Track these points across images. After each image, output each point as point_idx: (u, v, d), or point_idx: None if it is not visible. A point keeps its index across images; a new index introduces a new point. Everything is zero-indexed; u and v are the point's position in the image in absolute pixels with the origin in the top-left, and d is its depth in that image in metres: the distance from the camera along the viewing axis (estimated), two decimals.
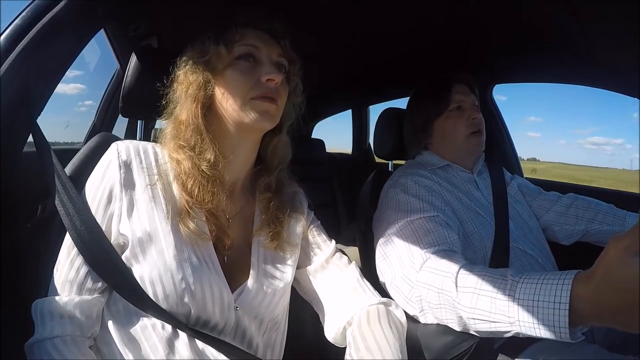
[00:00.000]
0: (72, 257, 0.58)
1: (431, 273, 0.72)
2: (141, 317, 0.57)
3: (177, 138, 0.62)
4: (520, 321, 0.54)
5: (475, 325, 0.62)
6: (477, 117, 1.04)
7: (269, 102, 0.62)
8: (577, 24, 0.98)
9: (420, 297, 0.73)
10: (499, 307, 0.57)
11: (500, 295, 0.57)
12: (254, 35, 0.65)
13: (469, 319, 0.64)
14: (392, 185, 0.96)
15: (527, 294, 0.54)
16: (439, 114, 1.06)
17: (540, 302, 0.51)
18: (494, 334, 0.60)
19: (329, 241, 0.74)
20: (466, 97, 1.06)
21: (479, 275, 0.64)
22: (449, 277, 0.68)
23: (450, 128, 1.05)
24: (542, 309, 0.51)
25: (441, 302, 0.69)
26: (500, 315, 0.57)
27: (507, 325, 0.56)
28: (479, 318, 0.61)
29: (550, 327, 0.50)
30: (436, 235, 0.81)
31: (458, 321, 0.67)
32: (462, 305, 0.63)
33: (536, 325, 0.52)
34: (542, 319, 0.51)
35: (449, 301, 0.67)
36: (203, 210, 0.60)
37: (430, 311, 0.72)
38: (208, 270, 0.58)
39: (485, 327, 0.60)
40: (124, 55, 1.58)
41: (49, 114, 0.72)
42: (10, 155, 0.66)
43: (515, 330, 0.55)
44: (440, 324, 0.74)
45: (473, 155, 1.07)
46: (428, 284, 0.71)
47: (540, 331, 0.51)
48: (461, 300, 0.64)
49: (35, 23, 0.65)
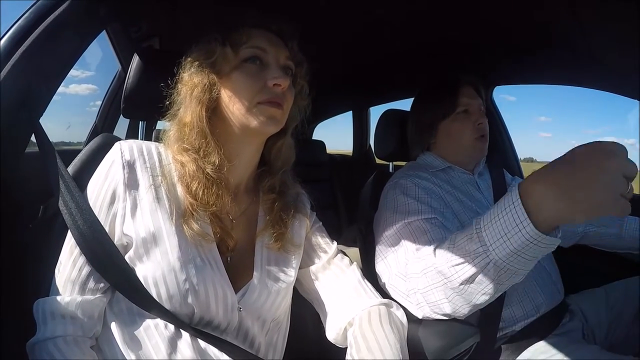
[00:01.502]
0: (74, 257, 0.57)
1: (417, 259, 0.74)
2: (144, 317, 0.57)
3: (181, 141, 0.62)
4: (495, 249, 0.55)
5: (459, 274, 0.62)
6: (483, 122, 1.04)
7: (275, 107, 0.61)
8: (578, 26, 0.98)
9: (414, 289, 0.73)
10: (473, 246, 0.59)
11: (472, 242, 0.59)
12: (261, 37, 0.64)
13: (452, 276, 0.63)
14: (392, 187, 0.96)
15: (494, 233, 0.55)
16: (445, 116, 1.05)
17: (508, 235, 0.53)
18: (477, 276, 0.60)
19: (330, 242, 0.74)
20: (473, 100, 1.05)
21: (449, 239, 0.67)
22: (429, 254, 0.70)
23: (456, 131, 1.04)
24: (513, 238, 0.53)
25: (428, 282, 0.69)
26: (475, 251, 0.58)
27: (484, 256, 0.57)
28: (459, 264, 0.61)
29: (529, 245, 0.52)
30: (432, 235, 0.82)
31: (445, 292, 0.66)
32: (442, 266, 0.64)
33: (513, 250, 0.53)
34: (517, 245, 0.53)
35: (433, 274, 0.67)
36: (207, 212, 0.59)
37: (424, 301, 0.72)
38: (212, 271, 0.58)
39: (467, 270, 0.60)
40: (125, 56, 1.58)
41: (63, 113, 0.72)
42: (13, 155, 0.67)
43: (495, 259, 0.56)
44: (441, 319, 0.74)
45: (475, 159, 1.07)
46: (417, 271, 0.72)
47: (523, 254, 0.54)
48: (439, 260, 0.65)
49: (38, 24, 0.66)
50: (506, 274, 0.57)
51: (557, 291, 0.96)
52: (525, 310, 0.89)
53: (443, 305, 0.68)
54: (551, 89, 53.54)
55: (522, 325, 0.88)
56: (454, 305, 0.67)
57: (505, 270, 0.57)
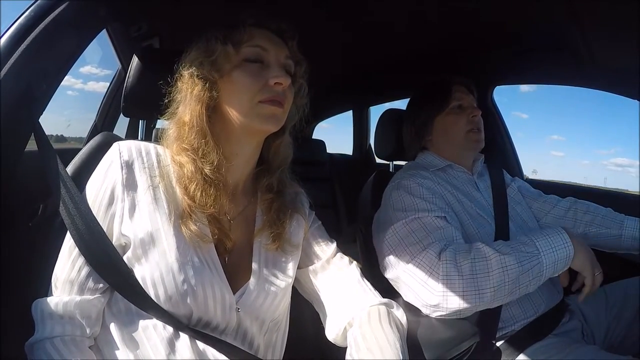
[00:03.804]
0: (73, 257, 0.57)
1: (454, 251, 0.78)
2: (142, 317, 0.57)
3: (180, 140, 0.61)
4: (545, 254, 0.74)
5: (517, 265, 0.73)
6: (477, 115, 1.06)
7: (276, 106, 0.61)
8: (577, 26, 0.98)
9: (445, 277, 0.75)
10: (529, 249, 0.75)
11: (527, 246, 0.76)
12: (262, 36, 0.64)
13: (511, 266, 0.73)
14: (395, 187, 0.96)
15: (545, 245, 0.75)
16: (440, 111, 1.07)
17: (556, 247, 0.75)
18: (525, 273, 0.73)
19: (329, 242, 0.74)
20: (466, 96, 1.08)
21: (501, 242, 0.79)
22: (479, 247, 0.77)
23: (451, 125, 1.06)
24: (559, 250, 0.75)
25: (475, 270, 0.74)
26: (532, 252, 0.75)
27: (537, 258, 0.74)
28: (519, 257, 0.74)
29: (565, 257, 0.75)
30: (446, 232, 0.83)
31: (497, 280, 0.73)
32: (503, 257, 0.74)
33: (556, 259, 0.74)
34: (560, 256, 0.75)
35: (482, 264, 0.74)
36: (205, 213, 0.59)
37: (456, 290, 0.74)
38: (210, 272, 0.58)
39: (524, 264, 0.74)
40: (125, 55, 1.58)
41: (82, 110, 0.73)
42: (12, 154, 0.66)
43: (542, 262, 0.74)
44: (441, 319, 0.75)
45: (472, 151, 1.08)
46: (455, 261, 0.76)
47: (557, 264, 0.75)
48: (498, 252, 0.75)
49: (38, 23, 0.65)
50: (538, 279, 0.74)
51: (557, 291, 0.96)
52: (525, 310, 0.89)
53: (483, 294, 0.73)
54: (564, 106, 54.61)
55: (521, 325, 0.88)
56: (494, 294, 0.73)
57: (540, 275, 0.74)
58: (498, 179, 1.10)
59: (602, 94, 1.22)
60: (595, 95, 1.29)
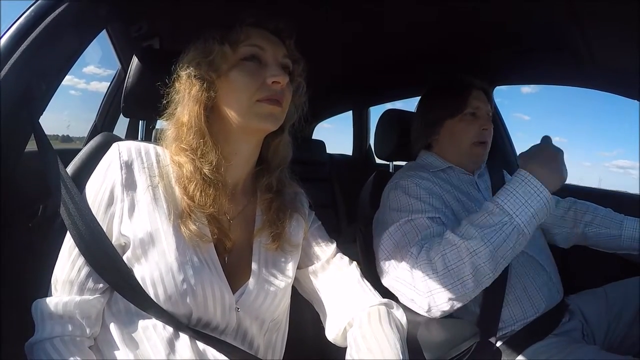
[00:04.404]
0: (73, 257, 0.57)
1: (428, 249, 0.78)
2: (142, 317, 0.57)
3: (179, 140, 0.61)
4: (519, 215, 0.71)
5: (488, 243, 0.71)
6: (489, 128, 1.04)
7: (275, 105, 0.61)
8: (577, 26, 0.98)
9: (425, 276, 0.75)
10: (498, 218, 0.72)
11: (495, 215, 0.73)
12: (259, 35, 0.64)
13: (480, 247, 0.71)
14: (393, 188, 0.96)
15: (515, 203, 0.72)
16: (452, 115, 1.05)
17: (529, 201, 0.71)
18: (503, 243, 0.71)
19: (329, 242, 0.74)
20: (483, 105, 1.05)
21: (466, 220, 0.78)
22: (446, 237, 0.77)
23: (461, 132, 1.04)
24: (533, 202, 0.71)
25: (448, 263, 0.74)
26: (502, 220, 0.72)
27: (510, 224, 0.71)
28: (486, 235, 0.72)
29: (542, 206, 0.71)
30: (435, 230, 0.83)
31: (471, 265, 0.72)
32: (467, 242, 0.72)
33: (533, 213, 0.71)
34: (536, 207, 0.71)
35: (453, 254, 0.73)
36: (204, 213, 0.59)
37: (438, 287, 0.74)
38: (209, 272, 0.58)
39: (495, 238, 0.71)
40: (125, 55, 1.58)
41: (86, 110, 0.73)
42: (12, 154, 0.66)
43: (518, 224, 0.71)
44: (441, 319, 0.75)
45: (474, 163, 1.07)
46: (429, 258, 0.76)
47: (537, 216, 0.72)
48: (462, 238, 0.74)
49: (39, 23, 0.65)
50: (522, 239, 0.72)
51: (557, 291, 0.96)
52: (525, 310, 0.89)
53: (465, 282, 0.72)
54: (567, 110, 54.08)
55: (521, 325, 0.88)
56: (477, 278, 0.72)
57: (522, 235, 0.71)
58: (498, 179, 1.10)
59: (604, 95, 1.22)
60: (597, 97, 1.29)
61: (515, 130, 1.64)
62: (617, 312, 0.96)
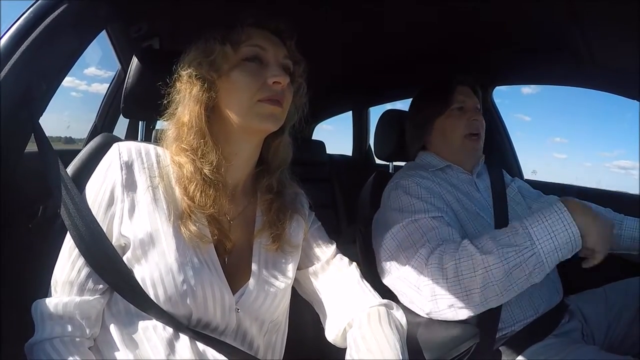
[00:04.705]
0: (73, 258, 0.57)
1: (441, 253, 0.76)
2: (142, 318, 0.57)
3: (180, 141, 0.61)
4: (541, 243, 0.67)
5: (503, 262, 0.69)
6: (478, 119, 1.05)
7: (275, 105, 0.61)
8: (577, 26, 0.98)
9: (433, 280, 0.74)
10: (520, 240, 0.69)
11: (518, 236, 0.69)
12: (260, 36, 0.64)
13: (496, 264, 0.69)
14: (394, 188, 0.96)
15: (541, 231, 0.68)
16: (440, 112, 1.06)
17: (555, 232, 0.67)
18: (519, 267, 0.68)
19: (329, 242, 0.74)
20: (469, 98, 1.07)
21: (490, 234, 0.75)
22: (464, 245, 0.74)
23: (450, 127, 1.05)
24: (559, 235, 0.67)
25: (460, 271, 0.72)
26: (524, 242, 0.68)
27: (531, 249, 0.67)
28: (505, 253, 0.69)
29: (568, 242, 0.67)
30: (440, 231, 0.83)
31: (482, 280, 0.70)
32: (485, 255, 0.70)
33: (557, 246, 0.67)
34: (561, 242, 0.67)
35: (468, 264, 0.71)
36: (205, 214, 0.59)
37: (443, 293, 0.73)
38: (209, 272, 0.58)
39: (512, 259, 0.68)
40: (125, 56, 1.58)
41: (87, 111, 0.73)
42: (12, 155, 0.67)
43: (539, 252, 0.67)
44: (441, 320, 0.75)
45: (470, 157, 1.08)
46: (441, 263, 0.74)
47: (560, 251, 0.67)
48: (480, 251, 0.71)
49: (38, 24, 0.65)
50: (538, 270, 0.68)
51: (556, 292, 0.96)
52: (524, 310, 0.89)
53: (472, 295, 0.71)
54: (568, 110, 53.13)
55: (521, 325, 0.88)
56: (484, 295, 0.70)
57: (540, 265, 0.67)
58: (498, 179, 1.10)
59: (605, 96, 1.21)
60: (599, 97, 1.28)
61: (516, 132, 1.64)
62: (617, 312, 0.96)
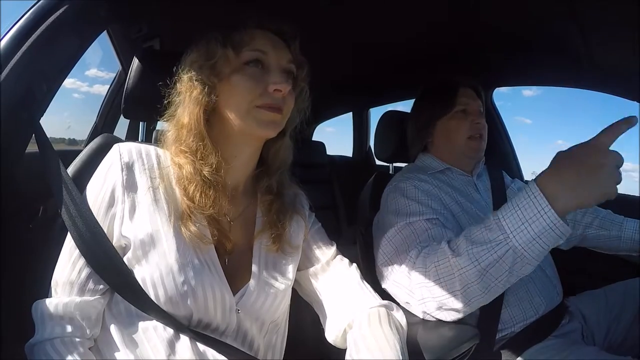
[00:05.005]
0: (73, 258, 0.57)
1: (425, 256, 0.76)
2: (142, 318, 0.57)
3: (179, 142, 0.61)
4: (515, 236, 0.60)
5: (478, 261, 0.65)
6: (481, 122, 1.04)
7: (275, 112, 0.61)
8: (576, 27, 0.98)
9: (421, 283, 0.74)
10: (493, 235, 0.63)
11: (491, 231, 0.64)
12: (263, 39, 0.63)
13: (469, 265, 0.66)
14: (392, 190, 0.96)
15: (514, 221, 0.61)
16: (443, 114, 1.06)
17: (529, 221, 0.59)
18: (495, 264, 0.63)
19: (329, 244, 0.74)
20: (472, 101, 1.06)
21: (465, 232, 0.71)
22: (442, 248, 0.72)
23: (453, 129, 1.05)
24: (534, 223, 0.59)
25: (441, 274, 0.71)
26: (496, 238, 0.63)
27: (505, 244, 0.61)
28: (478, 252, 0.64)
29: (548, 230, 0.58)
30: (433, 232, 0.83)
31: (461, 282, 0.68)
32: (459, 256, 0.67)
33: (534, 235, 0.59)
34: (537, 230, 0.59)
35: (446, 266, 0.69)
36: (205, 215, 0.59)
37: (430, 295, 0.73)
38: (210, 273, 0.58)
39: (486, 257, 0.64)
40: (126, 56, 1.58)
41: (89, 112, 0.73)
42: (13, 155, 0.67)
43: (515, 245, 0.61)
44: (441, 321, 0.75)
45: (471, 159, 1.08)
46: (426, 265, 0.74)
47: (539, 240, 0.59)
48: (456, 252, 0.69)
49: (39, 25, 0.66)
50: (520, 263, 0.62)
51: (556, 293, 0.96)
52: (525, 311, 0.89)
53: (456, 296, 0.69)
54: (569, 112, 53.08)
55: (521, 326, 0.88)
56: (466, 296, 0.68)
57: (521, 258, 0.61)
58: (498, 180, 1.10)
59: (607, 97, 1.21)
60: (600, 99, 1.29)
61: (517, 134, 1.64)
62: (617, 313, 0.96)
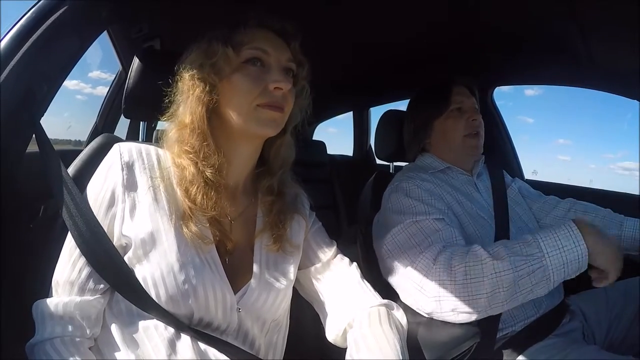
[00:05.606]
0: (74, 258, 0.57)
1: (451, 255, 0.76)
2: (143, 318, 0.57)
3: (182, 142, 0.61)
4: (551, 257, 0.68)
5: (514, 270, 0.69)
6: (477, 119, 1.05)
7: (276, 111, 0.61)
8: (576, 27, 0.98)
9: (439, 281, 0.74)
10: (532, 250, 0.70)
11: (530, 247, 0.71)
12: (263, 37, 0.63)
13: (505, 271, 0.70)
14: (394, 190, 0.96)
15: (551, 245, 0.69)
16: (439, 114, 1.07)
17: (564, 248, 0.68)
18: (526, 277, 0.69)
19: (330, 243, 0.74)
20: (466, 99, 1.07)
21: (503, 242, 0.76)
22: (474, 250, 0.74)
23: (450, 128, 1.05)
24: (569, 252, 0.68)
25: (468, 274, 0.72)
26: (534, 254, 0.69)
27: (539, 261, 0.68)
28: (517, 261, 0.70)
29: (576, 259, 0.68)
30: (445, 233, 0.83)
31: (491, 286, 0.70)
32: (496, 261, 0.71)
33: (565, 261, 0.68)
34: (569, 258, 0.68)
35: (477, 269, 0.71)
36: (206, 216, 0.59)
37: (448, 294, 0.73)
38: (211, 272, 0.58)
39: (522, 268, 0.69)
40: (126, 56, 1.58)
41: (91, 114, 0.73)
42: (13, 155, 0.67)
43: (547, 265, 0.68)
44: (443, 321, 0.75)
45: (470, 157, 1.08)
46: (449, 265, 0.74)
47: (567, 266, 0.68)
48: (492, 256, 0.72)
49: (39, 25, 0.66)
50: (543, 283, 0.69)
51: (557, 292, 0.96)
52: (525, 310, 0.89)
53: (477, 300, 0.71)
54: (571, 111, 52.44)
55: (522, 325, 0.88)
56: (490, 301, 0.71)
57: (546, 280, 0.68)
58: (498, 179, 1.10)
59: (609, 96, 1.21)
60: (602, 98, 1.28)
61: (519, 133, 1.64)
62: (618, 312, 0.96)
